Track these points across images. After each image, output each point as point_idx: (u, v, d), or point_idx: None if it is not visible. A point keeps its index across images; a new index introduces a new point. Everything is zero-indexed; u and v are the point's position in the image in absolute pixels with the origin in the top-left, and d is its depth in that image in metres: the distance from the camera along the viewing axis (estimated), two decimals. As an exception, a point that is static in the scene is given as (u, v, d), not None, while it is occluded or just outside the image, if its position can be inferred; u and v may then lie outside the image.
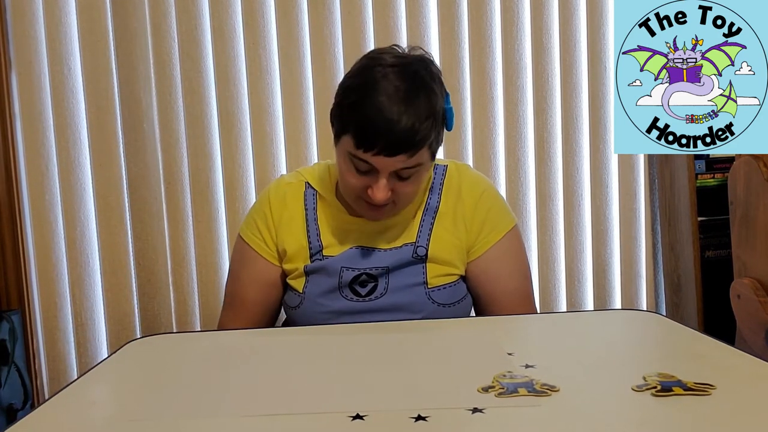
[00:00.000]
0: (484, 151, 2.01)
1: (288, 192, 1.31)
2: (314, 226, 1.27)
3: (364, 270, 1.24)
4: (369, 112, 1.09)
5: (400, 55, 1.16)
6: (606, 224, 2.06)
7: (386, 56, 1.14)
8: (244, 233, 1.32)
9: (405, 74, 1.11)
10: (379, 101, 1.08)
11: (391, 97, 1.08)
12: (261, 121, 1.95)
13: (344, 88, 1.16)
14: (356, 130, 1.11)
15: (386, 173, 1.13)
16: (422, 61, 1.15)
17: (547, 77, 2.01)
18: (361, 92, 1.11)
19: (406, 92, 1.09)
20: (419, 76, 1.12)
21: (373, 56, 1.17)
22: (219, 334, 1.28)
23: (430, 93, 1.12)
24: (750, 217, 1.64)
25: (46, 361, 1.98)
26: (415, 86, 1.10)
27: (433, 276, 1.25)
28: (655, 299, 2.10)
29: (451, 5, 1.96)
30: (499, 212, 1.29)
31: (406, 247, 1.24)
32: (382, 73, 1.11)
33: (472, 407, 0.71)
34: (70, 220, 1.94)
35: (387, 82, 1.10)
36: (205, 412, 0.77)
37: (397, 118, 1.08)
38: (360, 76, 1.14)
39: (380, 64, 1.12)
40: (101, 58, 1.90)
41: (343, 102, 1.15)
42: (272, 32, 1.95)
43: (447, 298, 1.25)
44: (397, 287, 1.24)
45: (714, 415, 0.70)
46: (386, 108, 1.08)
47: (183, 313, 1.99)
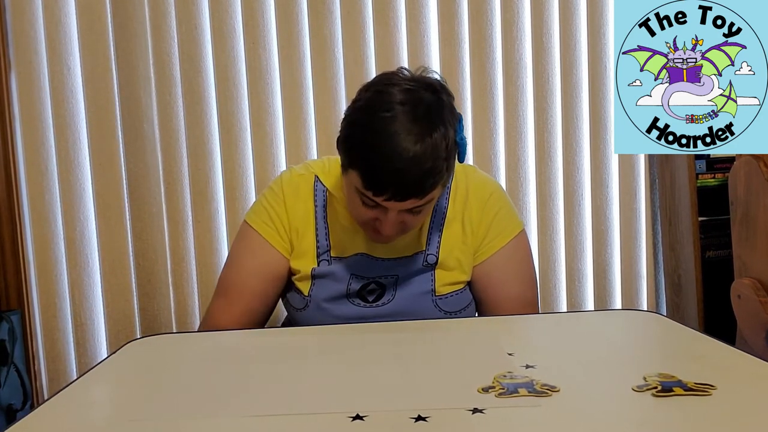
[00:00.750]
0: (484, 151, 2.01)
1: (301, 185, 1.26)
2: (323, 224, 1.24)
3: (373, 279, 1.23)
4: (379, 158, 1.05)
5: (409, 87, 1.08)
6: (606, 224, 2.06)
7: (395, 90, 1.07)
8: (253, 221, 1.26)
9: (416, 113, 1.05)
10: (390, 147, 1.04)
11: (402, 141, 1.03)
12: (261, 121, 1.95)
13: (351, 123, 1.11)
14: (365, 174, 1.07)
15: (395, 211, 1.10)
16: (434, 92, 1.09)
17: (547, 77, 2.00)
18: (370, 133, 1.06)
19: (419, 135, 1.04)
20: (431, 113, 1.07)
21: (381, 89, 1.09)
22: (219, 334, 1.28)
23: (442, 130, 1.07)
24: (750, 217, 1.64)
25: (45, 361, 1.98)
26: (427, 125, 1.05)
27: (442, 284, 1.24)
28: (655, 299, 2.10)
29: (451, 5, 1.96)
30: (506, 216, 1.28)
31: (417, 255, 1.23)
32: (391, 113, 1.05)
33: (472, 407, 0.71)
34: (70, 220, 1.94)
35: (398, 124, 1.04)
36: (205, 412, 0.76)
37: (408, 167, 1.03)
38: (368, 114, 1.08)
39: (389, 100, 1.06)
40: (101, 58, 1.90)
41: (350, 138, 1.10)
42: (272, 32, 1.95)
43: (453, 306, 1.25)
44: (405, 295, 1.23)
45: (714, 415, 0.70)
46: (397, 155, 1.03)
47: (183, 313, 1.99)
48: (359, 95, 1.13)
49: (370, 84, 1.14)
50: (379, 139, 1.05)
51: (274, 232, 1.25)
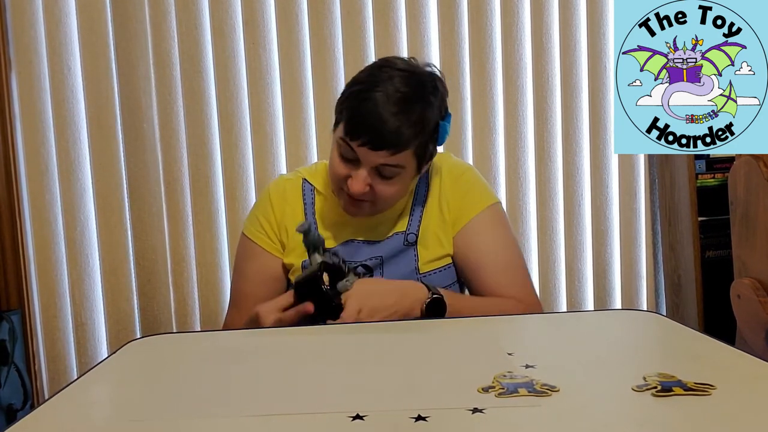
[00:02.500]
0: (484, 151, 2.01)
1: (288, 187, 1.36)
2: (312, 219, 1.33)
3: (360, 262, 1.29)
4: (364, 104, 1.16)
5: (413, 65, 1.23)
6: (606, 224, 2.06)
7: (399, 61, 1.22)
8: (248, 231, 1.36)
9: (409, 81, 1.18)
10: (376, 97, 1.15)
11: (389, 96, 1.15)
12: (261, 121, 1.95)
13: (352, 81, 1.24)
14: (348, 118, 1.18)
15: (368, 166, 1.19)
16: (431, 76, 1.22)
17: (547, 77, 2.01)
18: (363, 85, 1.19)
19: (404, 96, 1.16)
20: (422, 87, 1.19)
21: (388, 58, 1.26)
22: (219, 334, 1.28)
23: (426, 104, 1.19)
24: (750, 217, 1.64)
25: (46, 361, 1.98)
26: (415, 94, 1.17)
27: (425, 261, 1.29)
28: (655, 299, 2.10)
29: (451, 5, 1.96)
30: (479, 189, 1.34)
31: (397, 235, 1.30)
32: (389, 74, 1.18)
33: (472, 407, 0.71)
34: (70, 220, 1.94)
35: (390, 83, 1.16)
36: (205, 412, 0.76)
37: (386, 116, 1.15)
38: (368, 72, 1.22)
39: (390, 65, 1.20)
40: (101, 58, 1.90)
41: (345, 91, 1.23)
42: (272, 32, 1.95)
43: (438, 283, 1.27)
44: (390, 275, 1.28)
45: (714, 415, 0.70)
46: (380, 105, 1.15)
47: (183, 313, 1.99)
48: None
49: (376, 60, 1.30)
50: (370, 90, 1.17)
51: (265, 236, 1.34)
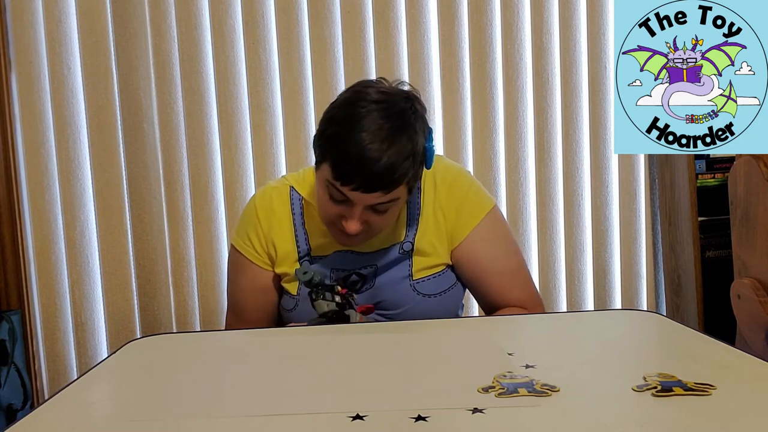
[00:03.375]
0: (484, 151, 2.01)
1: (274, 197, 1.32)
2: (302, 230, 1.29)
3: (353, 270, 1.27)
4: (350, 147, 1.10)
5: (385, 90, 1.16)
6: (606, 224, 2.06)
7: (372, 91, 1.15)
8: (236, 243, 1.34)
9: (389, 112, 1.12)
10: (361, 137, 1.09)
11: (373, 134, 1.09)
12: (261, 121, 1.95)
13: (328, 119, 1.16)
14: (335, 163, 1.12)
15: (361, 206, 1.14)
16: (407, 99, 1.16)
17: (547, 77, 2.00)
18: (343, 125, 1.12)
19: (389, 131, 1.10)
20: (403, 115, 1.13)
21: (359, 89, 1.17)
22: (219, 334, 1.28)
23: (412, 133, 1.13)
24: (750, 217, 1.64)
25: (46, 361, 1.98)
26: (398, 125, 1.11)
27: (419, 269, 1.27)
28: (655, 299, 2.10)
29: (451, 5, 1.96)
30: (476, 196, 1.30)
31: (394, 246, 1.27)
32: (366, 108, 1.11)
33: (472, 407, 0.71)
34: (70, 220, 1.94)
35: (370, 119, 1.10)
36: (205, 412, 0.76)
37: (377, 156, 1.08)
38: (344, 109, 1.14)
39: (365, 98, 1.13)
40: (101, 58, 1.90)
41: (325, 132, 1.15)
42: (272, 32, 1.95)
43: (432, 289, 1.27)
44: (383, 282, 1.27)
45: (714, 415, 0.70)
46: (367, 146, 1.09)
47: (183, 313, 1.99)
48: (338, 97, 1.20)
49: (349, 88, 1.21)
50: (351, 131, 1.10)
51: (253, 250, 1.31)
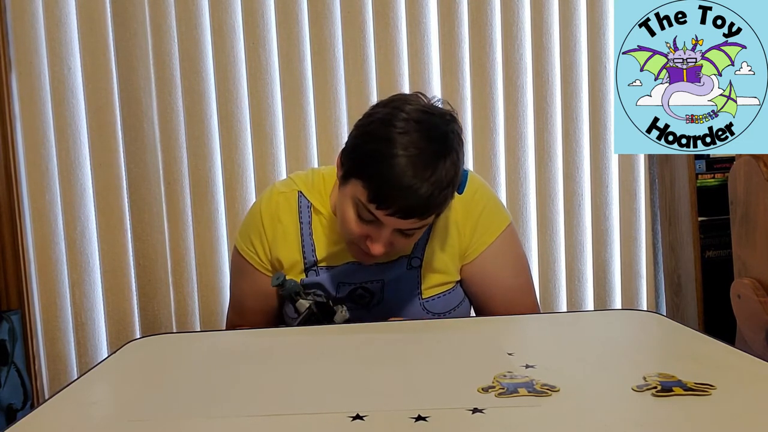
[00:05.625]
0: (484, 151, 2.01)
1: (281, 203, 1.26)
2: (309, 240, 1.24)
3: (359, 284, 1.23)
4: (389, 170, 1.03)
5: (426, 109, 1.08)
6: (606, 224, 2.06)
7: (412, 109, 1.07)
8: (240, 246, 1.30)
9: (431, 134, 1.05)
10: (402, 161, 1.02)
11: (415, 159, 1.03)
12: (261, 121, 1.95)
13: (364, 134, 1.09)
14: (372, 185, 1.05)
15: (390, 229, 1.09)
16: (449, 121, 1.10)
17: (547, 77, 2.00)
18: (382, 144, 1.05)
19: (431, 156, 1.04)
20: (446, 139, 1.07)
21: (398, 105, 1.09)
22: (219, 334, 1.28)
23: (455, 158, 1.07)
24: (750, 217, 1.64)
25: (46, 361, 1.98)
26: (441, 150, 1.05)
27: (428, 286, 1.24)
28: (655, 299, 2.10)
29: (451, 5, 1.96)
30: (492, 213, 1.26)
31: (402, 260, 1.23)
32: (407, 129, 1.04)
33: (472, 407, 0.71)
34: (70, 220, 1.94)
35: (411, 140, 1.03)
36: (205, 412, 0.76)
37: (418, 184, 1.02)
38: (383, 126, 1.06)
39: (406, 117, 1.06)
40: (101, 58, 1.90)
41: (362, 147, 1.08)
42: (272, 32, 1.95)
43: (442, 307, 1.24)
44: (392, 299, 1.23)
45: (714, 415, 0.70)
46: (408, 172, 1.02)
47: (183, 313, 1.99)
48: (374, 109, 1.12)
49: (386, 101, 1.13)
50: (391, 151, 1.03)
51: (255, 255, 1.28)
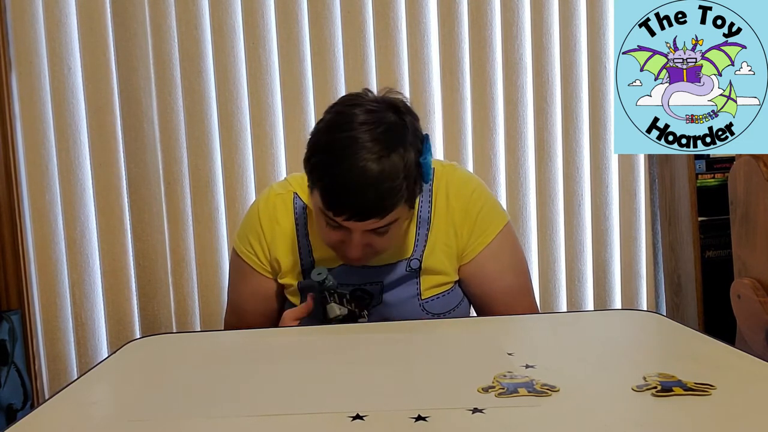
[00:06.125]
0: (484, 151, 2.01)
1: (278, 205, 1.27)
2: (305, 241, 1.25)
3: (358, 286, 1.23)
4: (337, 177, 1.04)
5: (371, 108, 1.08)
6: (606, 224, 2.06)
7: (357, 111, 1.07)
8: (238, 248, 1.30)
9: (376, 134, 1.05)
10: (348, 165, 1.03)
11: (361, 161, 1.03)
12: (261, 121, 1.95)
13: (313, 145, 1.10)
14: (325, 193, 1.07)
15: (359, 232, 1.09)
16: (396, 112, 1.09)
17: (547, 77, 2.00)
18: (329, 153, 1.06)
19: (378, 154, 1.03)
20: (392, 133, 1.06)
21: (343, 110, 1.10)
22: (219, 334, 1.28)
23: (402, 151, 1.06)
24: (750, 217, 1.64)
25: (46, 361, 1.98)
26: (388, 146, 1.05)
27: (427, 287, 1.24)
28: (655, 299, 2.10)
29: (451, 5, 1.96)
30: (489, 213, 1.26)
31: (401, 262, 1.23)
32: (352, 133, 1.05)
33: (472, 407, 0.71)
34: (70, 220, 1.94)
35: (358, 144, 1.04)
36: (205, 412, 0.76)
37: (367, 183, 1.03)
38: (329, 134, 1.08)
39: (351, 121, 1.06)
40: (101, 58, 1.90)
41: (311, 160, 1.10)
42: (272, 32, 1.95)
43: (441, 308, 1.25)
44: (391, 301, 1.23)
45: (714, 415, 0.70)
46: (354, 175, 1.03)
47: (183, 313, 1.99)
48: (323, 116, 1.13)
49: (333, 105, 1.14)
50: (338, 159, 1.05)
51: (255, 257, 1.27)
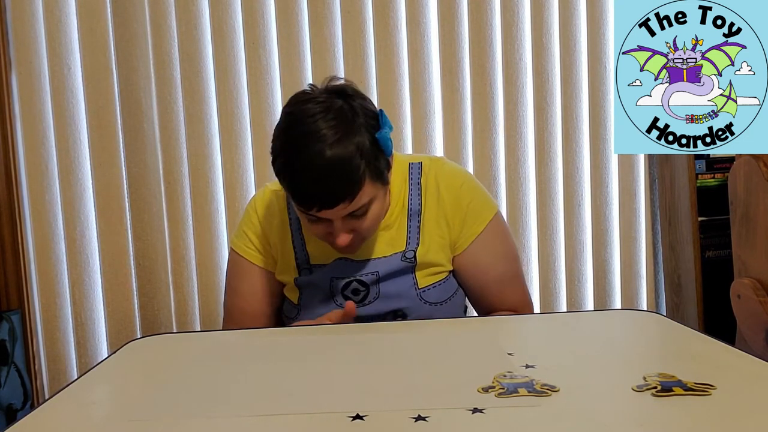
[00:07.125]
0: (484, 151, 2.01)
1: (274, 199, 1.30)
2: (299, 235, 1.27)
3: (354, 278, 1.24)
4: (296, 175, 1.09)
5: (318, 101, 1.11)
6: (606, 224, 2.06)
7: (305, 107, 1.11)
8: (237, 246, 1.31)
9: (324, 125, 1.08)
10: (302, 161, 1.07)
11: (311, 152, 1.07)
12: (261, 121, 1.95)
13: (272, 151, 1.14)
14: (292, 191, 1.11)
15: (338, 219, 1.12)
16: (343, 97, 1.12)
17: (547, 77, 2.01)
18: (285, 156, 1.10)
19: (330, 145, 1.07)
20: (340, 120, 1.09)
21: (291, 111, 1.14)
22: (219, 334, 1.28)
23: (351, 135, 1.09)
24: (750, 217, 1.64)
25: (46, 361, 1.98)
26: (337, 133, 1.08)
27: (423, 276, 1.25)
28: (655, 299, 2.10)
29: (451, 5, 1.96)
30: (479, 203, 1.28)
31: (396, 254, 1.25)
32: (302, 130, 1.09)
33: (472, 407, 0.71)
34: (70, 220, 1.94)
35: (307, 138, 1.08)
36: (205, 412, 0.76)
37: (322, 175, 1.07)
38: (282, 138, 1.12)
39: (299, 121, 1.10)
40: (101, 58, 1.90)
41: (275, 164, 1.13)
42: (272, 32, 1.95)
43: (438, 297, 1.26)
44: (389, 292, 1.24)
45: (714, 415, 0.70)
46: (309, 166, 1.07)
47: (183, 313, 1.99)
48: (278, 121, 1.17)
49: (284, 107, 1.17)
50: (295, 155, 1.09)
51: (254, 250, 1.29)
